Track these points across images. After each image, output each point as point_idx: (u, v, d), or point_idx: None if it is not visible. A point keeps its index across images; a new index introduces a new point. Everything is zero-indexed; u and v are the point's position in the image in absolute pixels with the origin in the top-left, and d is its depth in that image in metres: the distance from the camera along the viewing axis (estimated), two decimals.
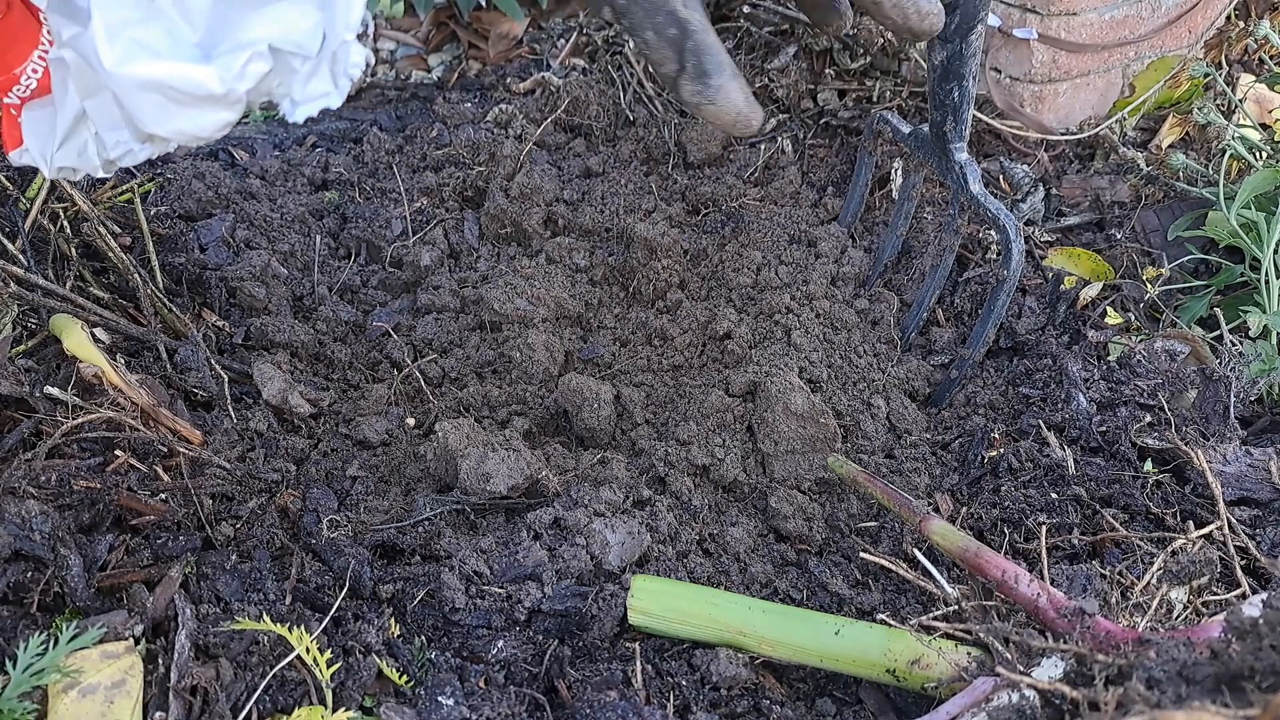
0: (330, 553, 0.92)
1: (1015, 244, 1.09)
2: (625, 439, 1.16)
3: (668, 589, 0.86)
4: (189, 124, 0.61)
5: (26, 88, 0.68)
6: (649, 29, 0.73)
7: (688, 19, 0.73)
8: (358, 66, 0.64)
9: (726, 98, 0.75)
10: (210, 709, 0.73)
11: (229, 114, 0.62)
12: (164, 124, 0.61)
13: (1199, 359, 1.12)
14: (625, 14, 0.74)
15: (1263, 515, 0.93)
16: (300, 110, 0.64)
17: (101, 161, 0.68)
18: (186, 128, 0.61)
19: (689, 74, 0.74)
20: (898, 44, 1.48)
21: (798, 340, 1.21)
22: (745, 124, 0.76)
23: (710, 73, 0.74)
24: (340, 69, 0.64)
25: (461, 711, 0.76)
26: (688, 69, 0.74)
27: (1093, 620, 0.71)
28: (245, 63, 0.60)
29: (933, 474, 1.10)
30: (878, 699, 0.85)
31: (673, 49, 0.74)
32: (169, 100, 0.60)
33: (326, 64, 0.63)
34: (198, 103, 0.60)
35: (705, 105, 0.75)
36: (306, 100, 0.64)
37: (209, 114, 0.61)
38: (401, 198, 1.46)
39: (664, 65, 0.74)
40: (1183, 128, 1.45)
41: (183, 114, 0.61)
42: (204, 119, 0.61)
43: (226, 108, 0.61)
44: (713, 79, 0.74)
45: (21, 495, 0.80)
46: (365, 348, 1.27)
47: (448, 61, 1.94)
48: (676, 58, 0.74)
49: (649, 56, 0.75)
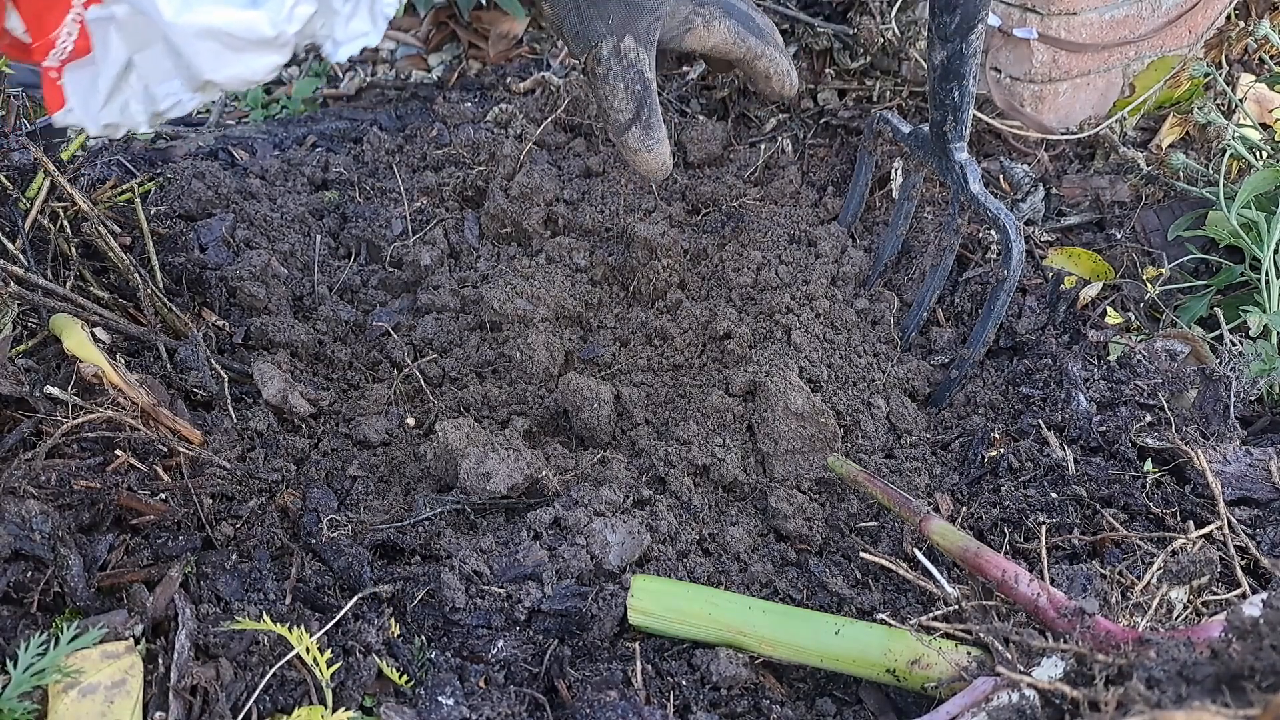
0: (330, 553, 0.92)
1: (1015, 244, 1.09)
2: (625, 439, 1.16)
3: (668, 589, 0.86)
4: (244, 68, 0.65)
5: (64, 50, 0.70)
6: (620, 82, 0.89)
7: (650, 80, 0.91)
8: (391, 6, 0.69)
9: (661, 149, 0.93)
10: (210, 709, 0.73)
11: (279, 57, 0.66)
12: (221, 69, 0.65)
13: (1199, 359, 1.12)
14: (604, 67, 0.89)
15: (1263, 515, 0.93)
16: (343, 50, 0.69)
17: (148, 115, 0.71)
18: (241, 72, 0.65)
19: (640, 124, 0.91)
20: (896, 45, 1.48)
21: (798, 340, 1.21)
22: (666, 171, 0.95)
23: (655, 127, 0.92)
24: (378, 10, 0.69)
25: (461, 711, 0.76)
26: (641, 120, 0.91)
27: (1093, 620, 0.71)
28: (293, 6, 0.64)
29: (933, 474, 1.10)
30: (878, 699, 0.85)
31: (634, 102, 0.90)
32: (225, 46, 0.64)
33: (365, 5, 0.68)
34: (252, 47, 0.64)
35: (643, 152, 0.93)
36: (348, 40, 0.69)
37: (262, 57, 0.65)
38: (401, 197, 1.46)
39: (623, 114, 0.91)
40: (1183, 127, 1.45)
41: (238, 59, 0.65)
42: (258, 62, 0.65)
43: (277, 50, 0.65)
44: (655, 133, 0.92)
45: (21, 495, 0.80)
46: (365, 348, 1.27)
47: (448, 61, 1.94)
48: (635, 109, 0.90)
49: (611, 104, 0.90)
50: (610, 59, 0.88)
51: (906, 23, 1.47)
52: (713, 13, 0.94)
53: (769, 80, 1.00)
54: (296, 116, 1.77)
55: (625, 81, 0.89)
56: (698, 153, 1.48)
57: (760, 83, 1.01)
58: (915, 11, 1.49)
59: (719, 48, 0.96)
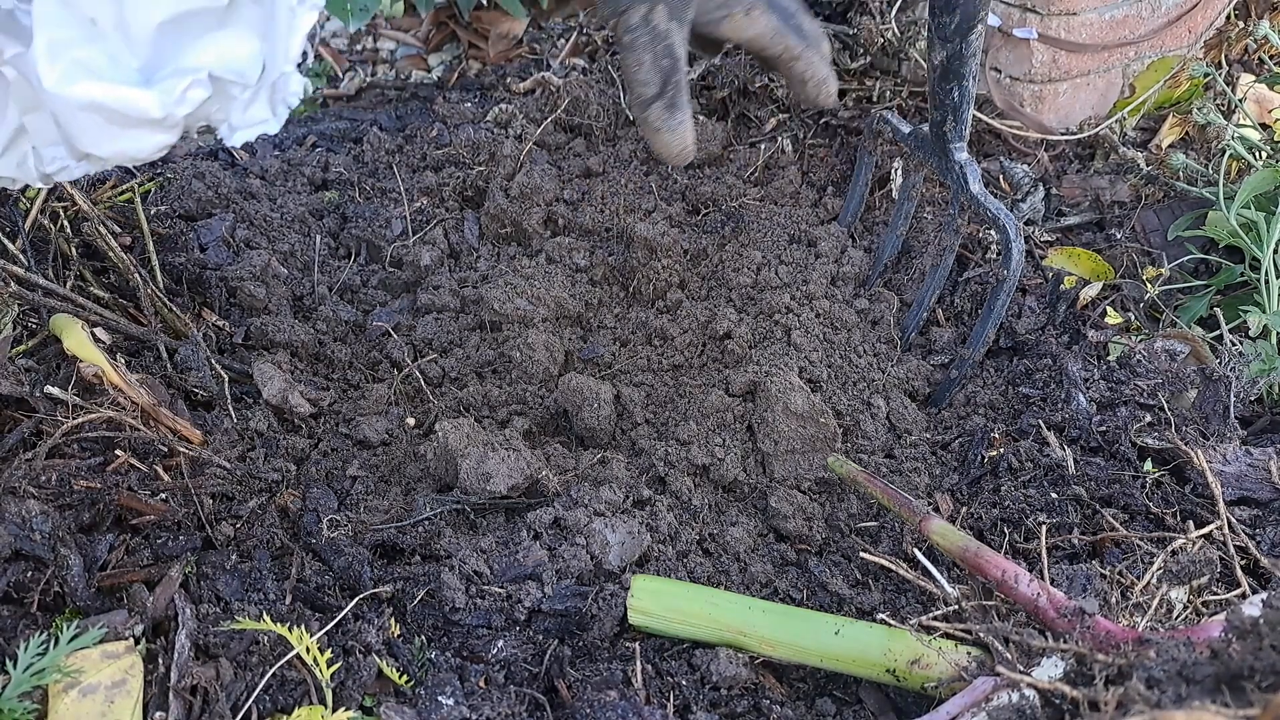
0: (330, 553, 0.92)
1: (1015, 244, 1.09)
2: (625, 439, 1.16)
3: (668, 589, 0.86)
4: (128, 145, 0.62)
5: None
6: (648, 54, 0.85)
7: (680, 56, 0.86)
8: (296, 95, 0.66)
9: (686, 130, 0.88)
10: (210, 709, 0.73)
11: (167, 137, 0.63)
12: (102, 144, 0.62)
13: (1199, 359, 1.12)
14: (632, 35, 0.84)
15: (1263, 515, 0.93)
16: (238, 135, 0.66)
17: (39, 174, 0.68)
18: (125, 148, 0.62)
19: (664, 101, 0.86)
20: (898, 45, 1.48)
21: (798, 340, 1.21)
22: (687, 157, 0.90)
23: (680, 107, 0.87)
24: (279, 97, 0.66)
25: (461, 711, 0.76)
26: (665, 97, 0.86)
27: (1093, 620, 0.71)
28: (185, 89, 0.61)
29: (933, 474, 1.10)
30: (878, 699, 0.85)
31: (660, 76, 0.85)
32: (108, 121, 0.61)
33: (266, 92, 0.65)
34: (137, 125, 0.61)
35: (664, 131, 0.88)
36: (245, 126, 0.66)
37: (147, 136, 0.62)
38: (401, 198, 1.46)
39: (647, 86, 0.86)
40: (1183, 128, 1.45)
41: (121, 135, 0.62)
42: (142, 141, 0.62)
43: (165, 131, 0.62)
44: (680, 113, 0.87)
45: (22, 495, 0.80)
46: (365, 348, 1.27)
47: (448, 61, 1.94)
48: (660, 84, 0.86)
49: (636, 76, 0.86)
50: (639, 27, 0.84)
51: (906, 23, 1.47)
52: (754, 2, 0.90)
53: (804, 85, 0.95)
54: (296, 116, 1.77)
55: (653, 54, 0.85)
56: (698, 153, 1.48)
57: (796, 86, 0.96)
58: (915, 11, 1.49)
59: (756, 41, 0.91)
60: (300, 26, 0.63)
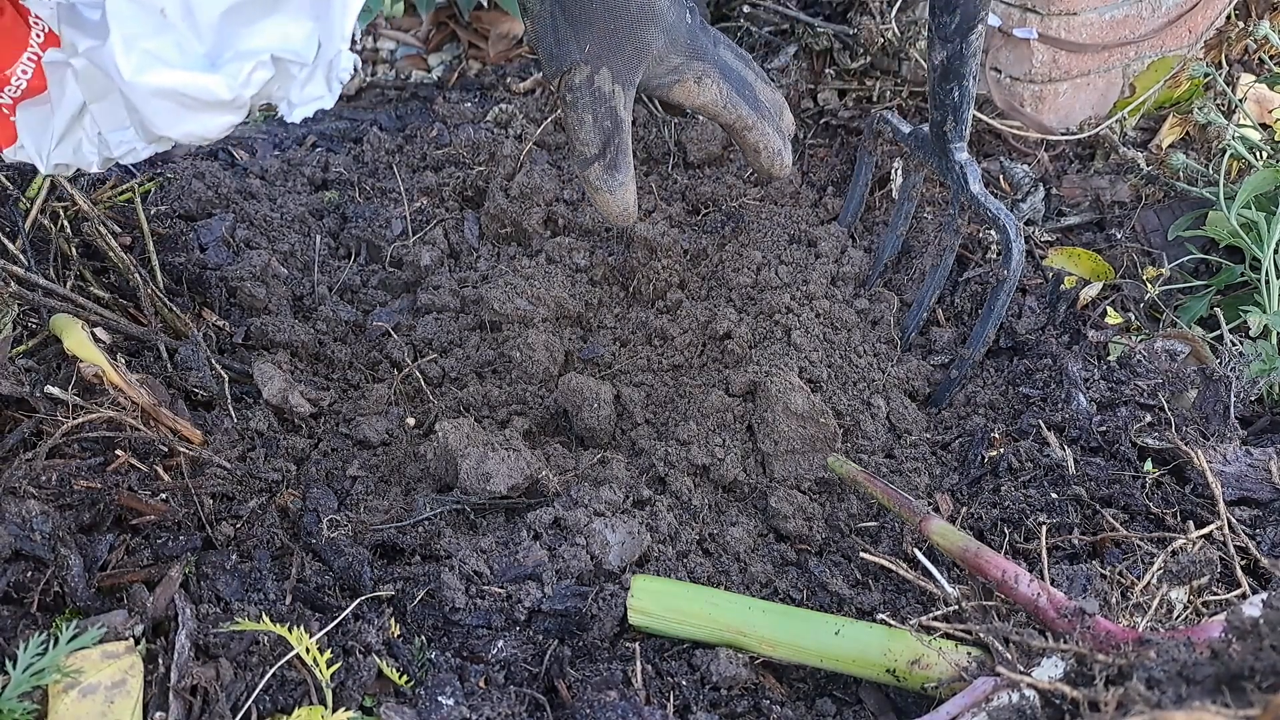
0: (330, 553, 0.92)
1: (1015, 244, 1.09)
2: (625, 439, 1.16)
3: (668, 589, 0.86)
4: (198, 126, 0.68)
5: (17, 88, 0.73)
6: (589, 114, 0.85)
7: (623, 119, 0.86)
8: (347, 71, 0.71)
9: (625, 193, 0.89)
10: (210, 709, 0.73)
11: (234, 117, 0.68)
12: (175, 127, 0.67)
13: (1199, 359, 1.12)
14: (574, 95, 0.85)
15: (1263, 515, 0.93)
16: (298, 111, 0.71)
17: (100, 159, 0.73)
18: (196, 130, 0.68)
19: (605, 163, 0.87)
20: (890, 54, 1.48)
21: (798, 340, 1.21)
22: (628, 218, 0.91)
23: (620, 169, 0.88)
24: (333, 74, 0.71)
25: (461, 711, 0.76)
26: (606, 158, 0.87)
27: (1093, 620, 0.71)
28: (250, 71, 0.66)
29: (933, 474, 1.10)
30: (878, 699, 0.85)
31: (601, 138, 0.86)
32: (180, 106, 0.66)
33: (321, 70, 0.70)
34: (207, 108, 0.67)
35: (603, 193, 0.89)
36: (303, 102, 0.71)
37: (217, 117, 0.68)
38: (401, 198, 1.46)
39: (588, 147, 0.87)
40: (1183, 128, 1.45)
41: (193, 118, 0.67)
42: (212, 122, 0.68)
43: (233, 111, 0.68)
44: (620, 174, 0.88)
45: (22, 495, 0.80)
46: (365, 348, 1.27)
47: (448, 61, 1.94)
48: (600, 146, 0.86)
49: (577, 135, 0.86)
50: (582, 88, 0.84)
51: (906, 23, 1.47)
52: (705, 70, 0.90)
53: (757, 155, 0.96)
54: None
55: (594, 114, 0.85)
56: (698, 153, 1.48)
57: (749, 155, 0.97)
58: (915, 11, 1.49)
59: (707, 108, 0.92)
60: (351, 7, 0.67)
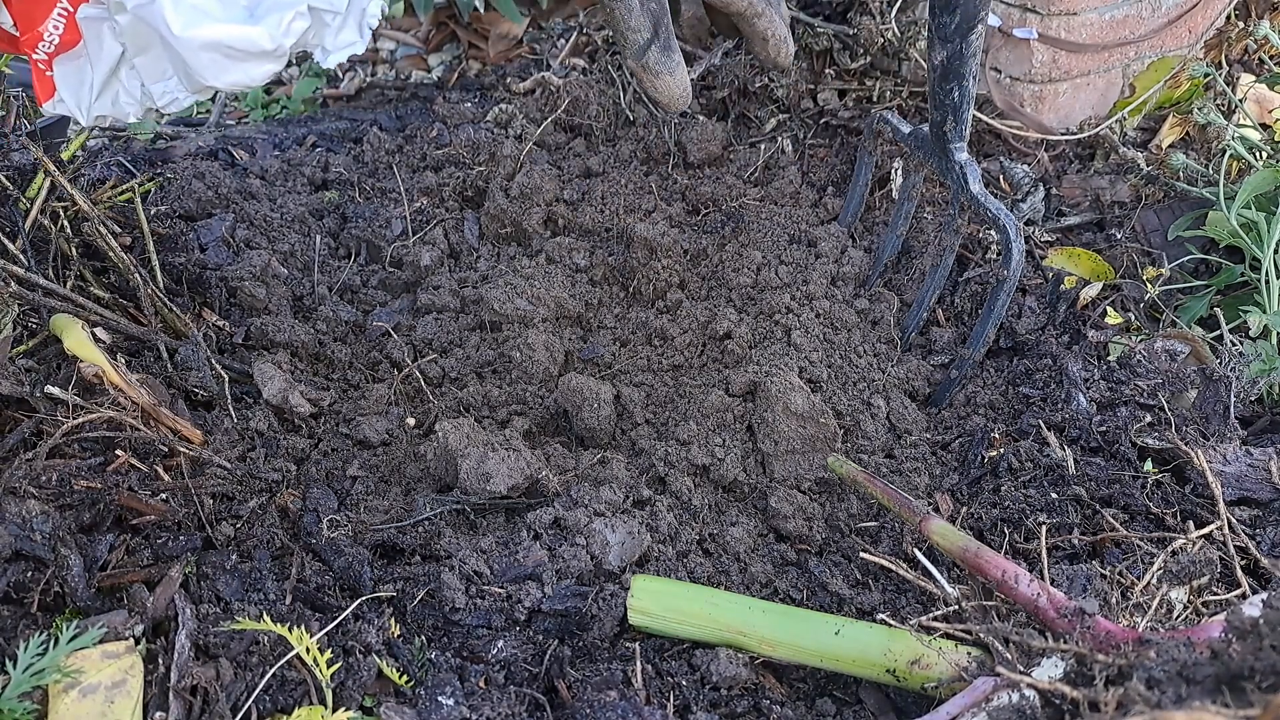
0: (330, 553, 0.92)
1: (1015, 244, 1.09)
2: (625, 439, 1.16)
3: (668, 589, 0.86)
4: (243, 75, 0.72)
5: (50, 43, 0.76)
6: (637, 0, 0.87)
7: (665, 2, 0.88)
8: (375, 17, 0.77)
9: (683, 73, 0.91)
10: (210, 709, 0.73)
11: (276, 65, 0.73)
12: (222, 76, 0.72)
13: (1199, 359, 1.12)
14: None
15: (1263, 515, 0.93)
16: (332, 57, 0.76)
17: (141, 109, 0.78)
18: (241, 79, 0.72)
19: (660, 44, 0.89)
20: (897, 44, 1.48)
21: (798, 340, 1.21)
22: (685, 100, 0.93)
23: (673, 49, 0.89)
24: (364, 21, 0.76)
25: (461, 711, 0.76)
26: (660, 39, 0.88)
27: (1093, 620, 0.71)
28: (289, 21, 0.71)
29: (933, 474, 1.10)
30: (878, 699, 0.85)
31: (650, 20, 0.88)
32: (226, 57, 0.71)
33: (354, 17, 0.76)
34: (251, 58, 0.71)
35: (663, 74, 0.90)
36: (338, 48, 0.76)
37: (260, 66, 0.72)
38: (401, 198, 1.46)
39: (640, 32, 0.88)
40: (1183, 128, 1.45)
41: (238, 67, 0.72)
42: (256, 70, 0.72)
43: (274, 60, 0.72)
44: (676, 55, 0.90)
45: (22, 495, 0.80)
46: (365, 348, 1.27)
47: (448, 61, 1.94)
48: (652, 28, 0.88)
49: (628, 23, 0.88)
50: None
51: (906, 23, 1.47)
52: None
53: (765, 43, 0.99)
54: (296, 116, 1.77)
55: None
56: (698, 153, 1.48)
57: (757, 44, 1.00)
58: (915, 11, 1.49)
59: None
60: None
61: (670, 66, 0.90)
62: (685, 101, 0.94)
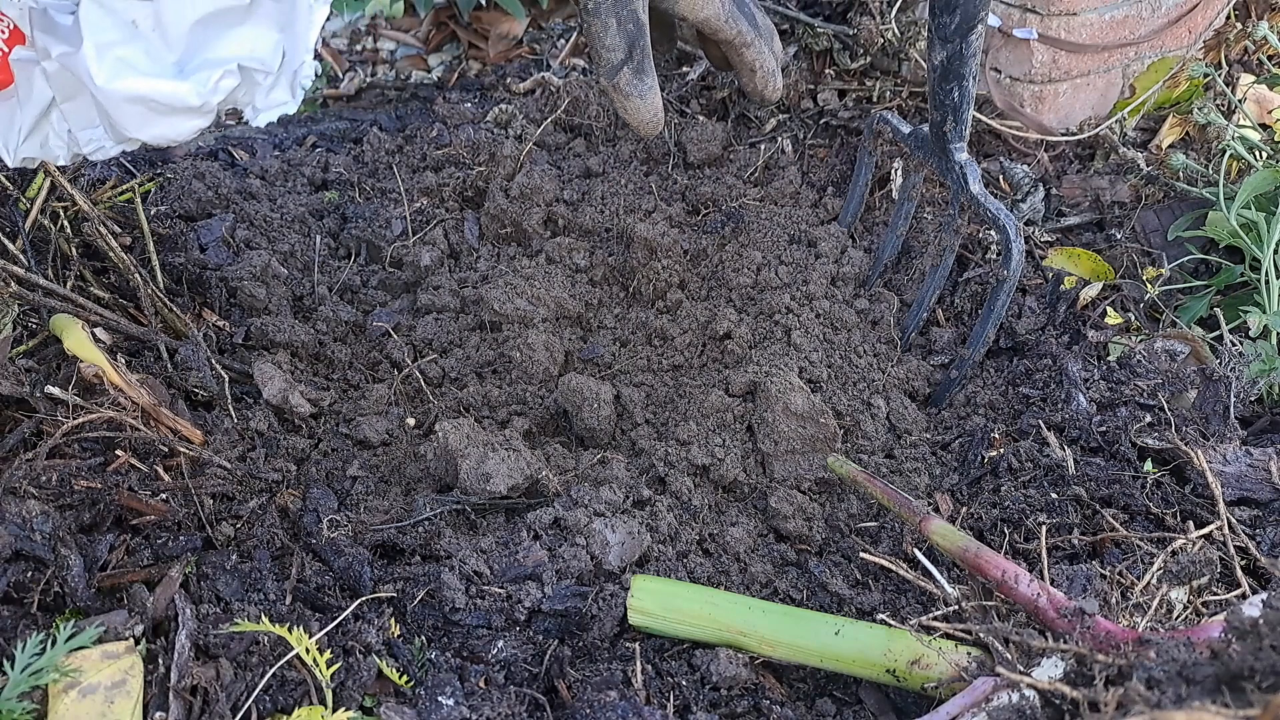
0: (330, 553, 0.92)
1: (1015, 244, 1.09)
2: (625, 439, 1.16)
3: (668, 589, 0.86)
4: (167, 129, 0.72)
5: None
6: (613, 18, 0.86)
7: (644, 22, 0.87)
8: (309, 78, 0.76)
9: (654, 97, 0.89)
10: (210, 709, 0.73)
11: (202, 121, 0.73)
12: (145, 130, 0.71)
13: (1199, 359, 1.12)
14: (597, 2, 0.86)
15: (1263, 515, 0.93)
16: (262, 116, 0.76)
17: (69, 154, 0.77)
18: (165, 132, 0.72)
19: (633, 66, 0.88)
20: (894, 50, 1.48)
21: (798, 340, 1.21)
22: (657, 124, 0.91)
23: (647, 72, 0.88)
24: (297, 81, 0.76)
25: (461, 711, 0.76)
26: (634, 62, 0.87)
27: (1093, 620, 0.71)
28: (218, 79, 0.71)
29: (933, 474, 1.10)
30: (878, 699, 0.85)
31: (626, 41, 0.87)
32: (150, 111, 0.70)
33: (286, 77, 0.75)
34: (176, 112, 0.71)
35: (634, 97, 0.89)
36: (268, 108, 0.76)
37: (185, 121, 0.72)
38: (401, 198, 1.46)
39: (614, 52, 0.87)
40: (1183, 128, 1.45)
41: (162, 121, 0.71)
42: (181, 126, 0.72)
43: (201, 116, 0.72)
44: (648, 78, 0.88)
45: (22, 495, 0.80)
46: (365, 348, 1.27)
47: (448, 61, 1.94)
48: (626, 49, 0.87)
49: (603, 41, 0.87)
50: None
51: (906, 23, 1.47)
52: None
53: (753, 75, 0.99)
54: (296, 116, 1.77)
55: (618, 18, 0.87)
56: (698, 153, 1.48)
57: (745, 76, 1.00)
58: (915, 11, 1.49)
59: (710, 22, 0.94)
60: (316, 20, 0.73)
61: (641, 90, 0.89)
62: (655, 126, 0.92)
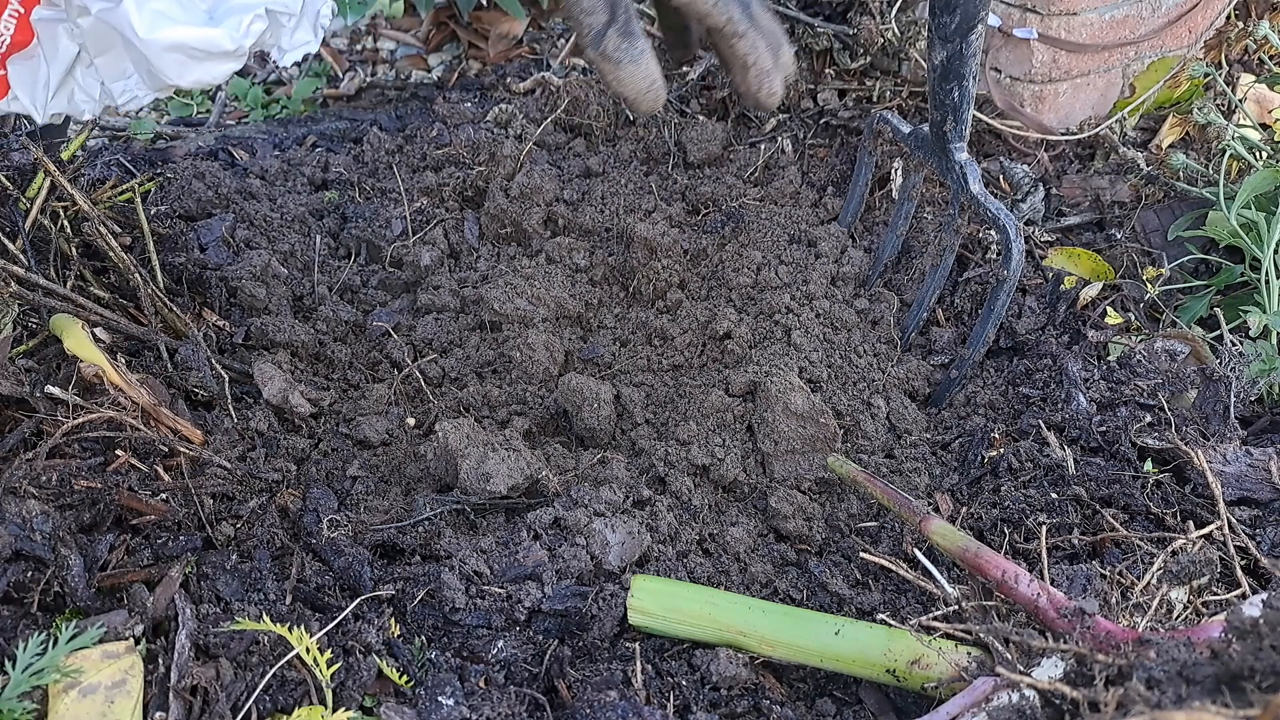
0: (330, 553, 0.92)
1: (1015, 244, 1.09)
2: (625, 439, 1.16)
3: (668, 589, 0.86)
4: (204, 74, 0.77)
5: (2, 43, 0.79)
6: None
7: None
8: (328, 18, 0.82)
9: (648, 62, 0.77)
10: (210, 709, 0.73)
11: (235, 64, 0.78)
12: (185, 76, 0.76)
13: (1199, 359, 1.12)
14: None
15: (1263, 515, 0.93)
16: (288, 56, 0.81)
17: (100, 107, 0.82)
18: (202, 77, 0.77)
19: (618, 28, 0.76)
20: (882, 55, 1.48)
21: (798, 340, 1.21)
22: (656, 96, 0.78)
23: (635, 34, 0.76)
24: (318, 22, 0.82)
25: (461, 711, 0.76)
26: (618, 23, 0.76)
27: (1093, 620, 0.71)
28: (249, 24, 0.76)
29: (933, 474, 1.10)
30: (878, 699, 0.85)
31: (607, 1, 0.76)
32: (189, 57, 0.75)
33: (308, 19, 0.81)
34: (212, 57, 0.76)
35: (626, 63, 0.77)
36: (293, 48, 0.81)
37: (221, 65, 0.77)
38: (401, 198, 1.46)
39: (594, 15, 0.76)
40: (1183, 128, 1.45)
41: (200, 67, 0.76)
42: (217, 69, 0.77)
43: (234, 60, 0.77)
44: (637, 40, 0.76)
45: (22, 495, 0.80)
46: (365, 348, 1.27)
47: (448, 61, 1.94)
48: (609, 11, 0.76)
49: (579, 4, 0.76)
50: None
51: (906, 23, 1.47)
52: None
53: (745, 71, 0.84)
54: (296, 116, 1.77)
55: None
56: (698, 152, 1.48)
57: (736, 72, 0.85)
58: (915, 11, 1.49)
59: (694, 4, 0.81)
60: None
61: (633, 54, 0.77)
62: (654, 97, 0.79)
